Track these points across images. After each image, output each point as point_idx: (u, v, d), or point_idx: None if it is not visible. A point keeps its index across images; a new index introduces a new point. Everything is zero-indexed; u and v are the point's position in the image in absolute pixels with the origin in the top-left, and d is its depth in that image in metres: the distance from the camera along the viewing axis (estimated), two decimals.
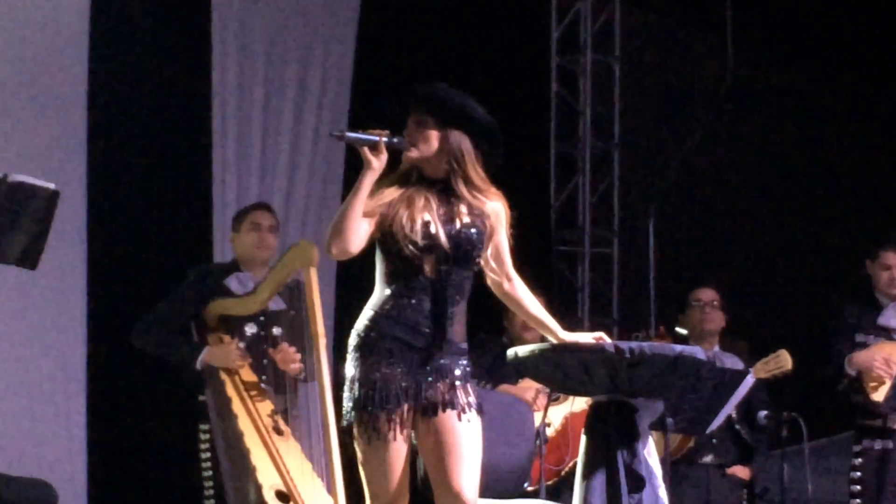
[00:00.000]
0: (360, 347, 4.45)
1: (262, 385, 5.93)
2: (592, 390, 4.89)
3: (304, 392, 6.05)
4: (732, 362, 6.97)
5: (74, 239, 7.40)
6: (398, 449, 4.41)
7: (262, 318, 6.01)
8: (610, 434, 4.82)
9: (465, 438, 4.44)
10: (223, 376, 5.85)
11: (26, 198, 4.46)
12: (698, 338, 7.16)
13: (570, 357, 4.76)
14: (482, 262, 4.57)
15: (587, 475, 4.82)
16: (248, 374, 5.90)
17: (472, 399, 4.47)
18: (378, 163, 4.40)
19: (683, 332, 7.18)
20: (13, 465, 6.60)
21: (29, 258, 4.53)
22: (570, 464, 6.62)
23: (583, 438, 4.91)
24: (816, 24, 9.43)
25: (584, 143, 9.48)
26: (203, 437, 5.94)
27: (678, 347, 4.85)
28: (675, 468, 6.80)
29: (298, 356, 5.88)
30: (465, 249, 4.48)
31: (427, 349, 4.42)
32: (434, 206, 4.47)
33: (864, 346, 6.82)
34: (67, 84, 7.47)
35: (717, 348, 7.18)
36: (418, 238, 4.41)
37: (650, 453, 4.89)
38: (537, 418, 6.23)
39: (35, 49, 7.34)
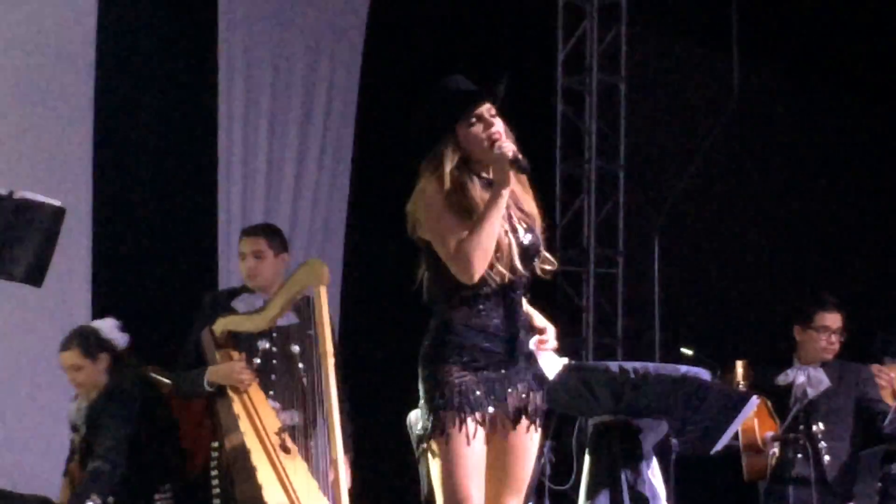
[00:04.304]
0: (436, 356, 4.28)
1: (271, 402, 5.90)
2: (597, 410, 4.89)
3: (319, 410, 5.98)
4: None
5: (80, 256, 7.41)
6: (480, 454, 4.26)
7: (273, 335, 5.98)
8: (614, 454, 4.82)
9: (525, 458, 4.35)
10: (231, 393, 5.83)
11: (32, 214, 4.44)
12: (811, 360, 6.76)
13: (575, 377, 4.76)
14: None
15: (591, 495, 4.83)
16: (256, 392, 5.87)
17: (541, 406, 4.36)
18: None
19: (688, 352, 7.07)
20: (18, 482, 6.60)
21: (34, 275, 4.51)
22: None
23: (587, 458, 4.91)
24: (823, 41, 9.43)
25: (590, 164, 9.47)
26: (213, 454, 5.93)
27: (682, 368, 4.86)
28: (769, 489, 6.68)
29: None
30: (531, 255, 4.36)
31: (503, 354, 4.29)
32: (505, 215, 4.31)
33: None
34: (73, 102, 7.49)
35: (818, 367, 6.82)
36: (505, 266, 4.27)
37: (654, 474, 4.89)
38: None
39: (41, 67, 7.36)
